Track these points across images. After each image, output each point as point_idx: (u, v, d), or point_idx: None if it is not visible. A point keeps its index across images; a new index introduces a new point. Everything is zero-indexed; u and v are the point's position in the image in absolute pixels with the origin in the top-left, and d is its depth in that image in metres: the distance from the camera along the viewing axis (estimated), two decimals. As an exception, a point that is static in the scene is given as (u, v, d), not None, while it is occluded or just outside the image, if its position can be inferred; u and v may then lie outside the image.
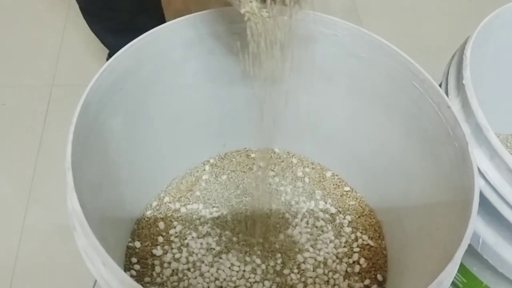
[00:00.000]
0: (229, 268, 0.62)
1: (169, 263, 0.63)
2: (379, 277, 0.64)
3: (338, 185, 0.72)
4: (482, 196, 0.50)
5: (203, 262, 0.63)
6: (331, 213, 0.69)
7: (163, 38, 0.55)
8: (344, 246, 0.66)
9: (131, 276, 0.61)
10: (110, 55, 0.99)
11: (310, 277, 0.62)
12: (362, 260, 0.64)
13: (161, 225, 0.66)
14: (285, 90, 0.67)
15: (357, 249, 0.66)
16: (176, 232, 0.66)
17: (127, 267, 0.63)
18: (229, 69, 0.64)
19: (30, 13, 1.16)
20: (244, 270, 0.62)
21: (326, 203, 0.70)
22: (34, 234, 0.80)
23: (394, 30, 1.16)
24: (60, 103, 0.99)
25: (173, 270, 0.62)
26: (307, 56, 0.62)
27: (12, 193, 0.85)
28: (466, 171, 0.47)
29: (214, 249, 0.64)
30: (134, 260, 0.63)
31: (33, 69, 1.05)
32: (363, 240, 0.66)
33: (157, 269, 0.62)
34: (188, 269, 0.62)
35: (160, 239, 0.65)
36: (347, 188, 0.72)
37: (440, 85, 0.60)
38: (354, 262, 0.65)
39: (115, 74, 0.51)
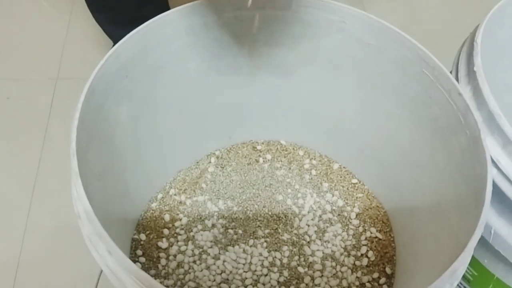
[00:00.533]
0: (235, 260, 0.61)
1: (175, 255, 0.62)
2: (388, 270, 0.63)
3: (346, 177, 0.71)
4: (494, 185, 0.48)
5: (209, 254, 0.62)
6: (339, 206, 0.68)
7: (168, 25, 0.55)
8: (352, 239, 0.65)
9: (136, 268, 0.61)
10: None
11: (318, 270, 0.61)
12: (370, 253, 0.63)
13: (167, 217, 0.65)
14: (293, 79, 0.67)
15: (365, 242, 0.65)
16: (181, 225, 0.65)
17: (132, 260, 0.62)
18: (235, 58, 0.63)
19: (34, 6, 1.16)
20: (250, 263, 0.61)
21: (333, 195, 0.69)
22: (39, 228, 0.79)
23: (400, 19, 1.15)
24: (65, 97, 0.99)
25: (178, 263, 0.62)
26: (313, 44, 0.62)
27: (16, 187, 0.84)
28: (479, 159, 0.46)
29: (220, 241, 0.63)
30: (139, 252, 0.62)
31: (38, 62, 1.05)
32: (371, 232, 0.65)
33: (163, 261, 0.62)
34: (194, 262, 0.62)
35: (166, 231, 0.64)
36: (354, 180, 0.71)
37: (450, 73, 0.59)
38: (362, 255, 0.64)
39: (120, 61, 0.51)
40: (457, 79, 0.56)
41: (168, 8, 0.92)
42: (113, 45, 0.97)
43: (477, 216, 0.42)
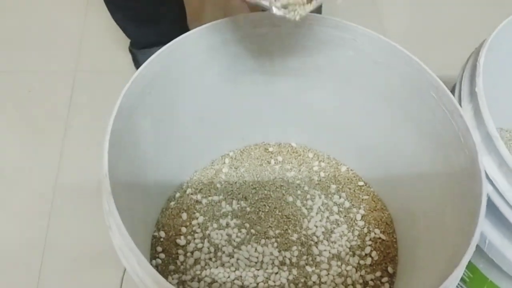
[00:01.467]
0: (248, 259, 0.66)
1: (192, 252, 0.67)
2: (390, 269, 0.67)
3: (352, 180, 0.75)
4: (490, 201, 0.52)
5: (223, 252, 0.67)
6: (345, 207, 0.72)
7: (190, 44, 0.58)
8: (357, 239, 0.69)
9: (157, 264, 0.66)
10: (131, 44, 1.01)
11: (324, 269, 0.66)
12: (374, 253, 0.68)
13: (184, 216, 0.70)
14: (304, 88, 0.70)
15: (369, 242, 0.69)
16: (198, 223, 0.70)
17: (152, 256, 0.67)
18: (251, 69, 0.66)
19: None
20: (262, 262, 0.66)
21: (340, 197, 0.73)
22: (61, 222, 0.84)
23: (413, 17, 1.17)
24: (84, 88, 1.03)
25: (195, 259, 0.66)
26: (326, 57, 0.65)
27: (39, 178, 0.89)
28: (475, 179, 0.50)
29: (234, 240, 0.68)
30: (159, 249, 0.67)
31: (56, 55, 1.08)
32: (375, 233, 0.70)
33: (181, 258, 0.66)
34: (210, 259, 0.66)
35: (183, 229, 0.69)
36: (361, 183, 0.75)
37: (454, 88, 0.62)
38: (366, 254, 0.68)
39: (145, 80, 0.54)
40: (460, 96, 0.59)
41: (183, 8, 0.94)
42: (131, 42, 1.01)
43: (471, 234, 0.47)
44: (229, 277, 0.65)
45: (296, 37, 0.62)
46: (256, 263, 0.66)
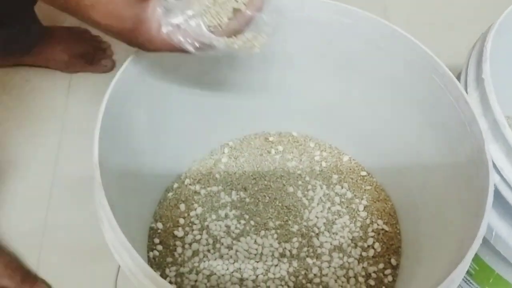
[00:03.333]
0: (247, 251, 0.65)
1: (190, 244, 0.66)
2: (393, 261, 0.66)
3: (355, 170, 0.73)
4: (497, 191, 0.50)
5: (222, 244, 0.65)
6: (347, 198, 0.70)
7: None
8: (359, 231, 0.68)
9: (154, 256, 0.64)
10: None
11: (326, 261, 0.64)
12: (376, 245, 0.66)
13: (182, 207, 0.69)
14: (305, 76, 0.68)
15: (372, 234, 0.67)
16: (196, 214, 0.68)
17: (150, 248, 0.65)
18: (248, 57, 0.64)
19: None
20: (261, 253, 0.65)
21: (342, 187, 0.71)
22: (59, 215, 0.83)
23: (417, 3, 1.14)
24: (82, 79, 1.01)
25: (194, 251, 0.65)
26: (326, 43, 0.63)
27: (37, 170, 0.88)
28: (482, 169, 0.48)
29: (233, 231, 0.66)
30: (156, 241, 0.66)
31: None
32: (378, 225, 0.68)
33: (179, 249, 0.65)
34: (208, 251, 0.65)
35: (181, 220, 0.67)
36: (363, 173, 0.73)
37: (460, 74, 0.60)
38: (368, 246, 0.66)
39: (139, 67, 0.53)
40: (466, 82, 0.57)
41: None
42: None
43: (477, 226, 0.45)
44: (228, 269, 0.64)
45: (295, 21, 0.60)
46: (255, 255, 0.65)
